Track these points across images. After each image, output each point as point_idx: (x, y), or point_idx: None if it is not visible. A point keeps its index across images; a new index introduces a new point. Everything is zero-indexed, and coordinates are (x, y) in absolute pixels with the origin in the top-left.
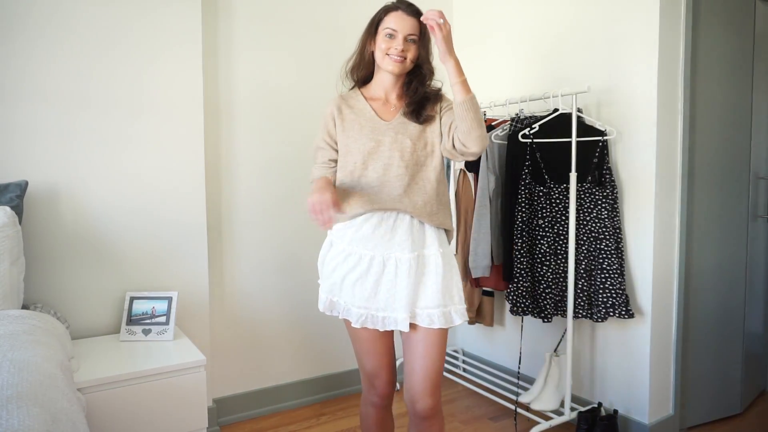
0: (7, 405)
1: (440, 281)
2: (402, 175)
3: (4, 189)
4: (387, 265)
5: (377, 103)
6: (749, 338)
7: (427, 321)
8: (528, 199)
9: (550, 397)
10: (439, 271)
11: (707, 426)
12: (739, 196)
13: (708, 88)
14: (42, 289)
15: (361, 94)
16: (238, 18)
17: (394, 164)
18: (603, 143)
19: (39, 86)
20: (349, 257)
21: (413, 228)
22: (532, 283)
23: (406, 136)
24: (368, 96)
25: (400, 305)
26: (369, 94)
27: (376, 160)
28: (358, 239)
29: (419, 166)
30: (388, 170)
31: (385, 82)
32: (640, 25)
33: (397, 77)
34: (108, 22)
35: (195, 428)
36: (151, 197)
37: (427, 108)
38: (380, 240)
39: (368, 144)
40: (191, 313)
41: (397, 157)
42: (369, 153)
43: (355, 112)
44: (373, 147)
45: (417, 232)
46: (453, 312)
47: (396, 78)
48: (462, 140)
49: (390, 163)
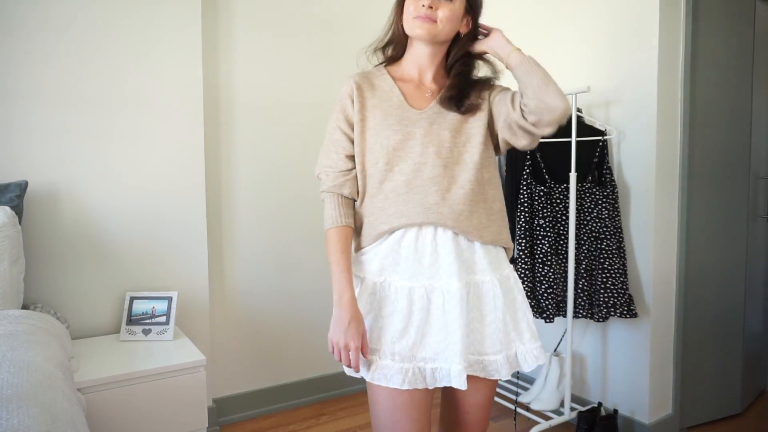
0: (7, 405)
1: (500, 316)
2: (439, 176)
3: (4, 189)
4: (432, 299)
5: (408, 86)
6: (749, 338)
7: (484, 371)
8: (529, 199)
9: (549, 397)
10: (498, 304)
11: (707, 426)
12: (739, 196)
13: (708, 88)
14: (42, 289)
15: (388, 73)
16: (238, 18)
17: (428, 163)
18: (603, 143)
19: (39, 86)
20: (381, 292)
21: (459, 247)
22: (534, 283)
23: (444, 127)
24: (397, 76)
25: (453, 352)
26: (398, 74)
27: (405, 158)
28: (389, 266)
29: (461, 164)
30: (421, 171)
31: (419, 58)
32: (641, 24)
33: (433, 51)
34: (108, 22)
35: (195, 428)
36: (151, 197)
37: (471, 95)
38: (419, 266)
39: (394, 138)
40: (191, 313)
41: (431, 153)
42: (395, 149)
43: (379, 96)
44: (400, 141)
45: (465, 253)
46: (521, 354)
47: (431, 51)
48: (539, 97)
49: (423, 162)
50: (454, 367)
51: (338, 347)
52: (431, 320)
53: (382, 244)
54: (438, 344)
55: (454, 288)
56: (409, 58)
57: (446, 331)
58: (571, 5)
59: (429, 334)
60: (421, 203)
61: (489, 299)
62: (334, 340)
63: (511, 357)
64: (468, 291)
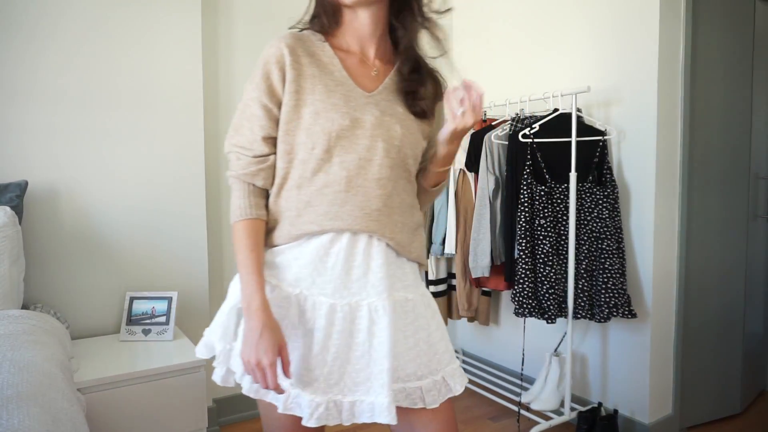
0: (7, 405)
1: (425, 337)
2: (385, 179)
3: (4, 189)
4: (357, 319)
5: (352, 60)
6: (749, 338)
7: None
8: (529, 199)
9: (550, 397)
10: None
11: (707, 426)
12: (739, 196)
13: (708, 88)
14: (42, 289)
15: (327, 42)
16: (238, 17)
17: (375, 160)
18: (603, 143)
19: (39, 86)
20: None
21: (390, 261)
22: (535, 284)
23: (396, 120)
24: (336, 45)
25: (379, 383)
26: (336, 43)
27: (349, 149)
28: (309, 276)
29: (405, 169)
30: (366, 169)
31: (358, 29)
32: (641, 25)
33: (374, 16)
34: (107, 21)
35: (195, 428)
36: (151, 197)
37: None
38: (346, 278)
39: (340, 122)
40: (191, 313)
41: (380, 149)
42: (338, 136)
43: (318, 65)
44: (347, 128)
45: (394, 267)
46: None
47: (372, 17)
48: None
49: (369, 158)
50: (380, 399)
51: (250, 366)
52: (353, 345)
53: (304, 247)
54: (359, 373)
55: (384, 306)
56: (346, 30)
57: (369, 357)
58: (572, 5)
59: (350, 361)
60: (361, 207)
61: (411, 319)
62: (245, 358)
63: (438, 382)
64: (395, 310)
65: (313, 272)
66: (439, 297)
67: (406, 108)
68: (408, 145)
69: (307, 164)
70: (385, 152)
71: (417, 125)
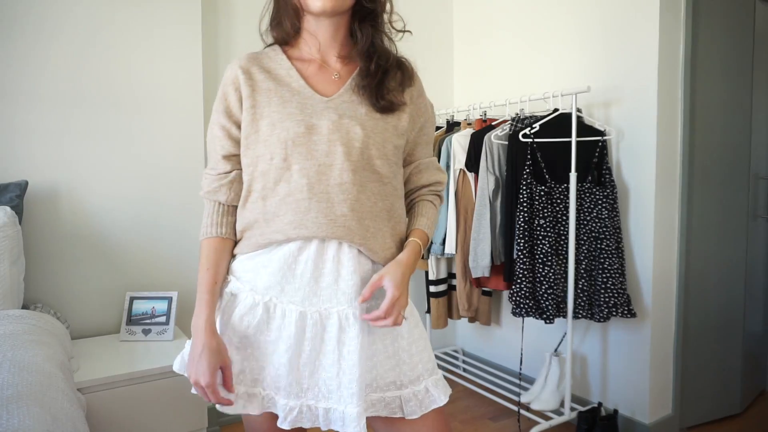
0: (7, 405)
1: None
2: (348, 183)
3: (4, 189)
4: (327, 327)
5: (310, 67)
6: (749, 338)
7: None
8: (529, 199)
9: (549, 397)
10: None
11: (707, 426)
12: (739, 196)
13: (708, 88)
14: (42, 289)
15: (284, 53)
16: (238, 17)
17: (335, 165)
18: (602, 143)
19: (39, 86)
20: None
21: (362, 267)
22: (534, 283)
23: (356, 121)
24: (294, 56)
25: (349, 392)
26: (296, 54)
27: (307, 156)
28: (278, 284)
29: (374, 171)
30: (326, 174)
31: (317, 34)
32: (640, 25)
33: (335, 23)
34: (107, 21)
35: (195, 428)
36: (151, 197)
37: (389, 83)
38: (315, 286)
39: (294, 129)
40: (191, 313)
41: (340, 153)
42: (294, 144)
43: (275, 79)
44: (302, 135)
45: (367, 275)
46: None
47: (333, 24)
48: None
49: (329, 163)
50: (350, 409)
51: (191, 382)
52: (324, 351)
53: (273, 255)
54: (331, 381)
55: (355, 315)
56: (305, 36)
57: (339, 366)
58: (572, 5)
59: (321, 368)
60: (325, 214)
61: (390, 328)
62: (187, 374)
63: (420, 392)
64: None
65: (281, 280)
66: (440, 297)
67: (371, 107)
68: (373, 145)
69: (268, 175)
70: (346, 156)
71: (384, 123)
